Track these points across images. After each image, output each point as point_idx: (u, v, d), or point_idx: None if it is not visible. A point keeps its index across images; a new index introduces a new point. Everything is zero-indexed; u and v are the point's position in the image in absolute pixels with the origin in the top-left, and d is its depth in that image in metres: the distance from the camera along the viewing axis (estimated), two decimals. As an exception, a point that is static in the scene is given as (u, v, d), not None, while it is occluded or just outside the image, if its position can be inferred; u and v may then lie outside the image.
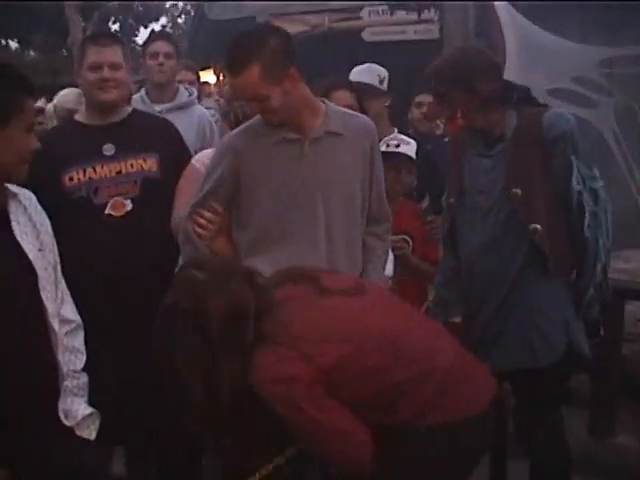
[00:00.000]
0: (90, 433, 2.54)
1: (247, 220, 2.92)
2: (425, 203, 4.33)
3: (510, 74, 6.90)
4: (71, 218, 3.11)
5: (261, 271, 2.70)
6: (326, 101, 3.02)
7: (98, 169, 3.26)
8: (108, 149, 3.29)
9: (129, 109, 3.52)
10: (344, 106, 3.45)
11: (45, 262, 2.43)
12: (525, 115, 3.17)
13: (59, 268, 2.55)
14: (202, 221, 2.92)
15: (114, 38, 3.43)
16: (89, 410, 2.55)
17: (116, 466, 3.49)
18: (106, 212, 3.23)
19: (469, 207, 3.24)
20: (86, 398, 2.57)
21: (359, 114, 3.11)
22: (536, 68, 6.93)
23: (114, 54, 3.30)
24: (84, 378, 2.57)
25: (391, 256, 3.51)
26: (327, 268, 2.87)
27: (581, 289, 3.17)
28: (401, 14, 7.51)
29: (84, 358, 2.58)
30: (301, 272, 2.54)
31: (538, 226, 3.11)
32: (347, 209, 2.96)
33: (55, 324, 2.43)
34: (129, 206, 3.25)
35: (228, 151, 2.93)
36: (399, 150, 3.81)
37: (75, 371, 2.54)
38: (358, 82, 4.19)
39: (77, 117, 3.48)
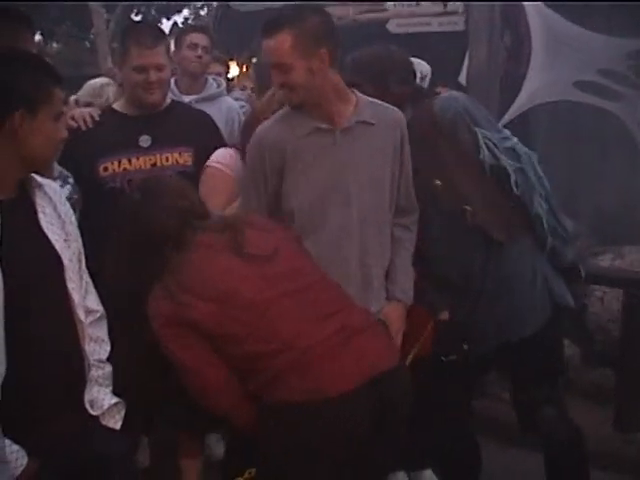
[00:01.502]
0: (116, 422, 2.55)
1: (286, 208, 2.94)
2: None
3: (536, 66, 6.90)
4: (105, 208, 3.12)
5: None
6: (356, 91, 3.02)
7: (133, 160, 3.27)
8: (144, 140, 3.30)
9: (168, 100, 3.53)
10: None
11: (70, 252, 2.43)
12: (415, 109, 3.21)
13: (83, 258, 2.56)
14: None
15: (157, 36, 3.39)
16: (115, 400, 2.56)
17: (140, 455, 3.51)
18: None
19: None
20: (111, 388, 2.58)
21: (389, 105, 3.11)
22: (562, 60, 6.88)
23: (159, 55, 3.29)
24: (109, 368, 2.58)
25: None
26: (358, 253, 2.94)
27: (540, 243, 3.17)
28: (426, 5, 7.47)
29: (108, 348, 2.59)
30: (236, 221, 2.69)
31: (468, 207, 3.10)
32: (378, 196, 2.98)
33: (81, 314, 2.44)
34: None
35: (264, 145, 2.93)
36: None
37: (100, 361, 2.55)
38: None
39: (115, 106, 3.49)
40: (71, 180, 3.14)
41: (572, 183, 7.34)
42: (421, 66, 4.45)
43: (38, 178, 2.40)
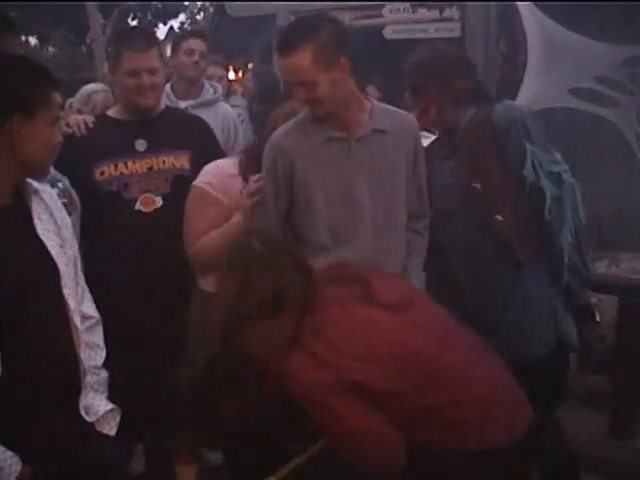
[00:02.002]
0: (110, 429, 2.55)
1: (300, 219, 2.95)
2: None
3: (532, 72, 6.91)
4: (101, 212, 3.12)
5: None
6: (370, 98, 3.03)
7: (129, 164, 3.27)
8: (140, 144, 3.30)
9: (162, 105, 3.53)
10: None
11: (66, 258, 2.43)
12: (477, 111, 3.20)
13: (79, 264, 2.55)
14: None
15: (150, 40, 3.40)
16: (110, 406, 2.55)
17: (135, 463, 3.50)
18: (136, 208, 3.24)
19: (440, 210, 3.23)
20: (106, 394, 2.57)
21: (403, 111, 3.13)
22: (558, 67, 6.89)
23: (152, 59, 3.30)
24: (104, 374, 2.58)
25: None
26: (373, 265, 2.87)
27: (556, 275, 3.15)
28: (423, 12, 7.48)
29: (104, 354, 2.59)
30: (354, 272, 2.54)
31: (500, 217, 3.09)
32: (392, 206, 2.98)
33: (77, 320, 2.44)
34: (159, 203, 3.26)
35: (278, 153, 2.91)
36: None
37: (95, 367, 2.54)
38: None
39: (110, 113, 3.49)
40: (60, 184, 3.14)
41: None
42: None
43: (34, 183, 2.40)
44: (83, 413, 2.46)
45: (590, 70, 7.01)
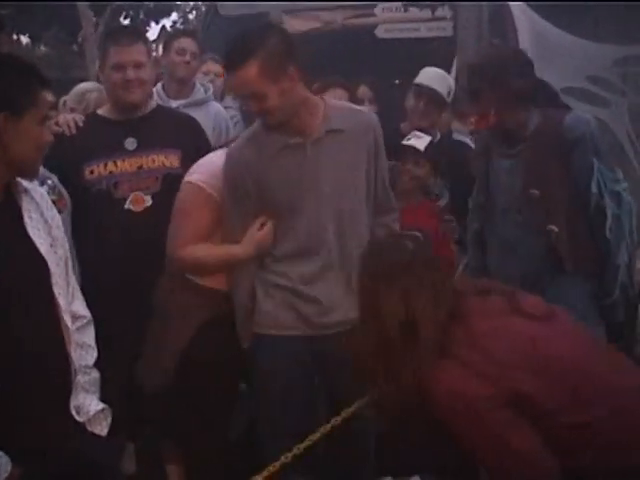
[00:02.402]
0: (102, 429, 2.54)
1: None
2: (444, 201, 4.32)
3: (524, 72, 6.91)
4: (91, 211, 3.11)
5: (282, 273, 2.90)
6: (325, 98, 3.04)
7: (119, 163, 3.26)
8: (130, 143, 3.29)
9: (153, 104, 3.53)
10: None
11: (57, 257, 2.42)
12: (546, 115, 3.17)
13: (70, 263, 2.54)
14: None
15: (136, 35, 3.42)
16: (101, 406, 2.54)
17: (126, 462, 3.49)
18: (125, 207, 3.24)
19: (492, 207, 3.22)
20: (98, 394, 2.56)
21: (361, 108, 3.15)
22: (550, 66, 6.87)
23: (137, 53, 3.29)
24: (95, 374, 2.57)
25: None
26: (338, 265, 2.95)
27: (605, 291, 3.15)
28: (415, 11, 7.48)
29: (95, 354, 2.58)
30: (496, 285, 2.48)
31: (555, 228, 3.08)
32: (354, 205, 2.98)
33: (67, 320, 2.42)
34: (149, 202, 3.25)
35: (235, 166, 2.93)
36: (404, 143, 3.85)
37: (86, 366, 2.53)
38: (424, 86, 4.22)
39: (100, 111, 3.48)
40: (50, 182, 3.13)
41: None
42: (449, 81, 4.46)
43: (24, 182, 2.39)
44: (74, 413, 2.44)
45: (582, 70, 7.02)
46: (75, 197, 3.22)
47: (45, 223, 2.41)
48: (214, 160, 3.12)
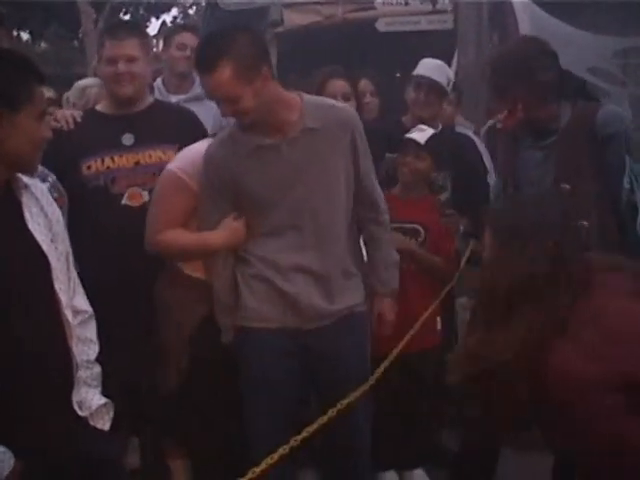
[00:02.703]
0: (104, 423, 2.54)
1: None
2: (444, 196, 4.32)
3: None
4: (89, 206, 3.11)
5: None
6: (302, 94, 2.97)
7: (116, 159, 3.25)
8: (127, 139, 3.29)
9: (151, 99, 3.53)
10: (340, 95, 3.46)
11: (57, 253, 2.42)
12: (579, 109, 3.13)
13: (71, 258, 2.54)
14: None
15: (132, 30, 3.41)
16: (103, 400, 2.54)
17: (130, 457, 3.50)
18: (123, 202, 3.23)
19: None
20: (100, 388, 2.56)
21: (340, 104, 3.09)
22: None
23: (130, 47, 3.29)
24: (97, 368, 2.57)
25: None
26: (317, 262, 2.94)
27: None
28: (415, 4, 7.47)
29: (97, 348, 2.58)
30: (630, 263, 2.37)
31: (585, 222, 3.06)
32: (332, 203, 2.96)
33: (69, 315, 2.43)
34: (146, 197, 3.24)
35: (211, 166, 2.92)
36: (405, 136, 3.83)
37: (88, 361, 2.53)
38: (425, 77, 4.22)
39: (98, 107, 3.48)
40: (50, 179, 3.13)
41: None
42: (448, 72, 4.45)
43: (24, 178, 2.38)
44: (76, 408, 2.45)
45: (582, 61, 7.02)
46: (72, 193, 3.21)
47: (45, 218, 2.41)
48: (197, 148, 3.10)
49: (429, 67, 4.36)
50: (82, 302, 2.57)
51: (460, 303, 5.19)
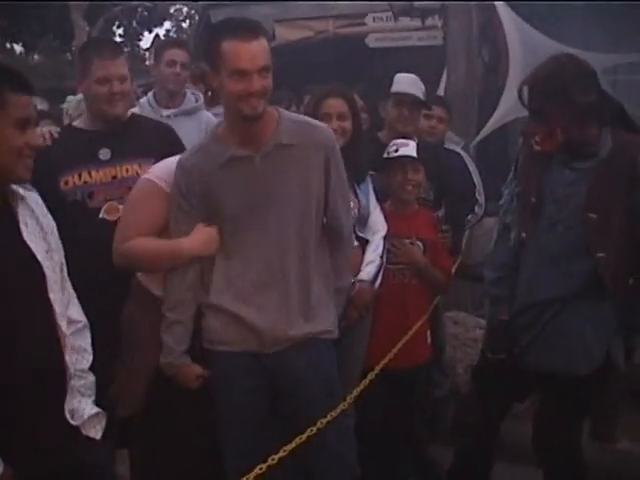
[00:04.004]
0: (96, 433, 2.55)
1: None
2: (441, 212, 4.36)
3: (513, 80, 6.95)
4: (67, 221, 3.11)
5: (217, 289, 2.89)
6: (279, 109, 2.96)
7: (93, 173, 3.27)
8: (104, 154, 3.31)
9: (128, 113, 3.54)
10: (336, 113, 3.47)
11: (52, 263, 2.43)
12: (621, 140, 3.04)
13: (65, 269, 2.56)
14: None
15: (118, 49, 3.45)
16: (95, 410, 2.56)
17: (120, 468, 3.50)
18: (100, 216, 3.25)
19: (541, 212, 3.13)
20: (93, 398, 2.58)
21: (317, 123, 3.05)
22: (540, 75, 6.94)
23: (122, 66, 3.32)
24: (91, 377, 2.58)
25: (377, 261, 3.53)
26: (281, 283, 2.89)
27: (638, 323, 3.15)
28: (405, 20, 7.52)
29: (90, 357, 2.59)
30: None
31: (603, 255, 3.00)
32: (301, 224, 2.92)
33: (63, 325, 2.44)
34: None
35: (182, 174, 2.89)
36: (399, 154, 3.82)
37: (82, 370, 2.55)
38: (408, 94, 4.26)
39: (75, 123, 3.50)
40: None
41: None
42: (421, 84, 4.49)
43: (20, 190, 2.39)
44: (68, 417, 2.46)
45: (571, 78, 7.05)
46: (51, 208, 3.21)
47: (41, 230, 2.43)
48: (175, 160, 3.07)
49: (406, 83, 4.40)
50: (76, 312, 2.59)
51: (448, 317, 5.23)
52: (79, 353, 2.55)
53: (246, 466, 2.58)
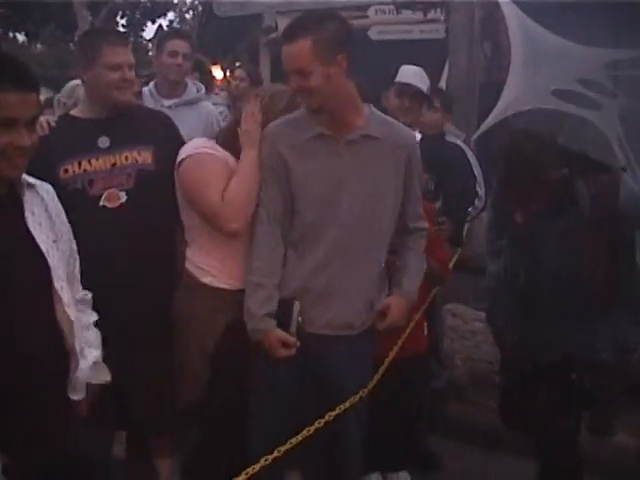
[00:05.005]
0: (106, 375, 2.62)
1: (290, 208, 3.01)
2: (438, 204, 4.38)
3: (515, 74, 6.97)
4: (67, 210, 3.13)
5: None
6: (371, 106, 3.04)
7: (93, 161, 3.28)
8: (103, 142, 3.32)
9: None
10: None
11: (59, 253, 2.42)
12: (599, 185, 3.07)
13: (77, 257, 2.59)
14: None
15: (125, 36, 3.46)
16: (99, 358, 2.61)
17: (117, 450, 3.53)
18: (101, 204, 3.26)
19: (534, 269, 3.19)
20: (100, 350, 2.63)
21: (402, 125, 3.15)
22: (541, 69, 6.95)
23: (130, 54, 3.34)
24: (96, 332, 2.66)
25: None
26: (340, 269, 2.96)
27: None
28: (407, 13, 7.52)
29: (95, 315, 2.68)
30: None
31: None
32: (373, 214, 2.99)
33: (72, 314, 2.43)
34: (123, 198, 3.27)
35: (269, 142, 2.99)
36: None
37: (88, 324, 2.62)
38: (410, 85, 4.28)
39: (73, 112, 3.51)
40: None
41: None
42: (426, 77, 4.51)
43: (29, 179, 2.39)
44: (70, 392, 2.47)
45: (573, 73, 7.07)
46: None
47: (49, 219, 2.42)
48: (198, 141, 3.23)
49: (410, 74, 4.43)
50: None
51: (447, 309, 5.25)
52: (82, 311, 2.59)
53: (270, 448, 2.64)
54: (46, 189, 2.49)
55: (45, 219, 2.40)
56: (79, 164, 3.27)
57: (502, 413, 3.49)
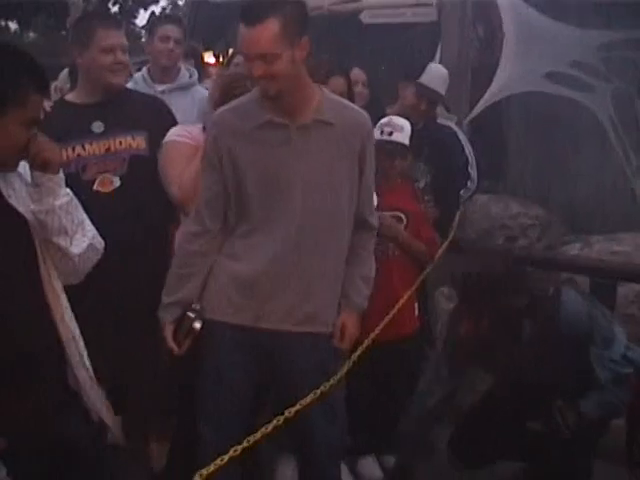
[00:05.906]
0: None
1: (234, 199, 2.86)
2: (422, 183, 4.38)
3: (507, 57, 6.97)
4: None
5: (237, 254, 2.83)
6: (324, 88, 2.92)
7: (87, 146, 3.30)
8: (97, 127, 3.33)
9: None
10: (337, 93, 3.47)
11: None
12: (538, 313, 3.21)
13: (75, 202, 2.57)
14: None
15: (119, 20, 3.48)
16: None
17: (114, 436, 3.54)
18: (94, 188, 3.27)
19: None
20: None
21: (356, 107, 3.02)
22: (534, 51, 6.94)
23: (124, 37, 3.37)
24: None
25: None
26: (296, 259, 2.83)
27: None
28: (400, -4, 7.52)
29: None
30: None
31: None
32: (328, 204, 2.85)
33: (57, 287, 2.44)
34: (117, 183, 3.30)
35: (215, 130, 2.85)
36: (392, 139, 3.80)
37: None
38: (434, 90, 4.35)
39: (67, 97, 3.52)
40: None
41: (543, 173, 7.43)
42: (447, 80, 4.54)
43: None
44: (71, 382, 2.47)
45: (565, 55, 7.06)
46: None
47: (28, 186, 2.40)
48: (176, 129, 3.33)
49: (436, 79, 4.42)
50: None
51: (441, 292, 5.28)
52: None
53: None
54: (23, 164, 2.44)
55: (25, 189, 2.39)
56: (73, 149, 3.28)
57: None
